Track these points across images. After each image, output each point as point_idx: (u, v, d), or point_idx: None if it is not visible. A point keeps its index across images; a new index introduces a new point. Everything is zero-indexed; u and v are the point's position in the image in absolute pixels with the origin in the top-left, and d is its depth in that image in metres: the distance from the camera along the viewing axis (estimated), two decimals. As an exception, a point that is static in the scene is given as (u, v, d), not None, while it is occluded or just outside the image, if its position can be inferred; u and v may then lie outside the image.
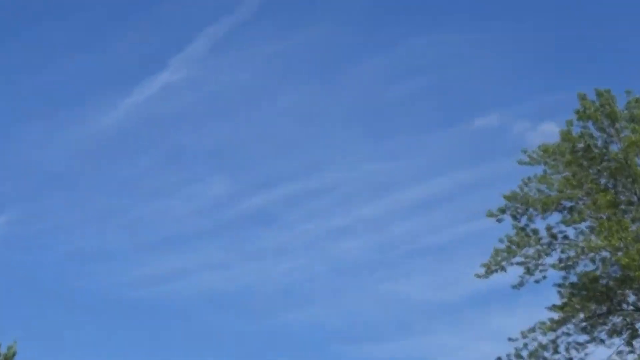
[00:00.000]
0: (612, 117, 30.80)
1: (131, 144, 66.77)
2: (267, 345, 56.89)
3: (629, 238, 28.78)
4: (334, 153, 65.53)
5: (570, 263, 30.68)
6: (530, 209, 31.05)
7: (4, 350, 29.25)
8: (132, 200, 65.35)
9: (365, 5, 66.78)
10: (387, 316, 58.23)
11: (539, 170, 31.64)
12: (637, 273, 28.29)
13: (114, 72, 67.39)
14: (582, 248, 30.07)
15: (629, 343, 30.13)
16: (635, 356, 29.93)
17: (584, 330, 30.53)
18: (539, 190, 31.05)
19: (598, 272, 30.28)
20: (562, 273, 30.93)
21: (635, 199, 30.18)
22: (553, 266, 30.87)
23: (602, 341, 30.44)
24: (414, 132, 64.89)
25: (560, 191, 30.67)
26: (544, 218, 31.10)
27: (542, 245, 30.96)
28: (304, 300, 60.94)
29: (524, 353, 30.59)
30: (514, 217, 31.23)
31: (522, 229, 31.02)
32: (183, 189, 65.60)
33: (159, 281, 60.84)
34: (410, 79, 64.72)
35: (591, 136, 31.20)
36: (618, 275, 29.69)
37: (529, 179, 31.29)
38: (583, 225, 30.56)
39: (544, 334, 30.63)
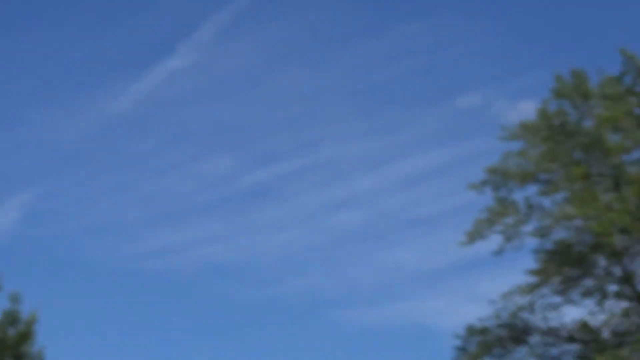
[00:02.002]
0: (586, 96, 30.97)
1: (141, 125, 67.90)
2: (268, 312, 59.47)
3: (601, 207, 29.11)
4: (330, 130, 66.71)
5: (546, 231, 30.66)
6: (510, 182, 31.11)
7: (25, 317, 30.53)
8: (142, 177, 66.86)
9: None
10: (381, 283, 59.83)
11: (517, 145, 31.62)
12: (607, 240, 28.74)
13: (124, 58, 68.83)
14: (557, 217, 30.14)
15: (599, 304, 30.36)
16: (606, 316, 30.20)
17: (558, 292, 30.55)
18: (517, 164, 31.17)
19: (572, 239, 30.40)
20: (539, 240, 31.07)
21: (606, 171, 30.33)
22: (530, 234, 30.95)
23: (576, 302, 30.64)
24: (402, 111, 65.98)
25: (537, 165, 30.76)
26: (522, 190, 31.26)
27: (520, 215, 30.91)
28: (303, 270, 62.19)
29: (504, 314, 30.87)
30: (495, 189, 31.35)
31: (502, 200, 31.09)
32: (189, 166, 66.62)
33: (167, 253, 62.27)
34: (399, 61, 66.37)
35: (566, 113, 31.37)
36: (590, 242, 29.92)
37: (508, 153, 31.45)
38: (558, 196, 30.74)
39: (522, 296, 30.78)
